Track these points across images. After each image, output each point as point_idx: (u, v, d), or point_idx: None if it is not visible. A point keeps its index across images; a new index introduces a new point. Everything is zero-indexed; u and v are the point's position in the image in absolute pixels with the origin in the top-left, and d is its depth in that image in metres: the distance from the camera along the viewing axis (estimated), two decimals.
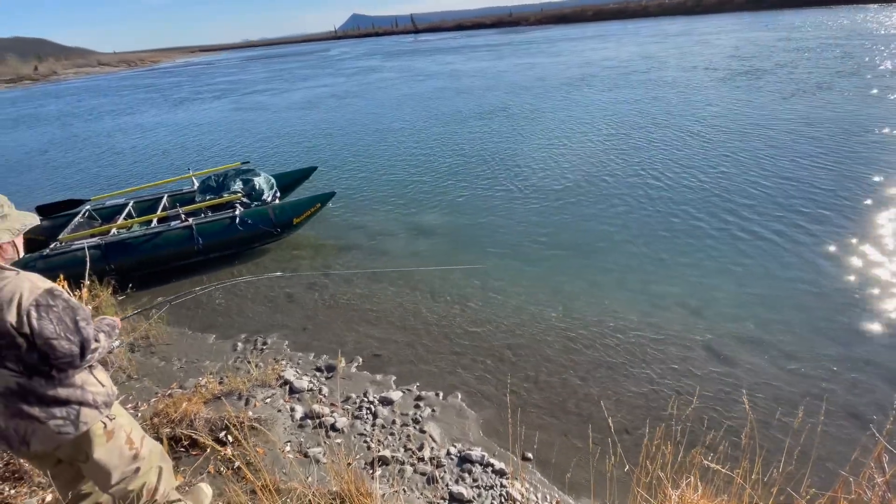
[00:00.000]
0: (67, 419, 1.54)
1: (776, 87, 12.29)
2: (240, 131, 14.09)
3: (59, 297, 1.48)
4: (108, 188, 9.01)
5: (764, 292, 4.16)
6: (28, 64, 78.79)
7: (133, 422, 1.82)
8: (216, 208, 5.76)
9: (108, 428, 1.65)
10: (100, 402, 1.61)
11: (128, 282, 4.71)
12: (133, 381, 3.53)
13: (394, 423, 3.03)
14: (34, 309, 1.40)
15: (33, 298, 1.41)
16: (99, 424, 1.62)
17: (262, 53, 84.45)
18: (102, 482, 1.73)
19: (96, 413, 1.60)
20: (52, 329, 1.42)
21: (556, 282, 4.61)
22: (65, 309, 1.47)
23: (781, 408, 2.96)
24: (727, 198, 6.03)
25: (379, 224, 6.38)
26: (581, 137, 9.46)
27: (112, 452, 1.67)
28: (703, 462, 1.81)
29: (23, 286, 1.42)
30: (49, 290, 1.46)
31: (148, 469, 1.79)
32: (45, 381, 1.49)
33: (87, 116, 21.10)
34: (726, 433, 2.68)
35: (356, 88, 20.86)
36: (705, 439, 2.19)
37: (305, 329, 4.23)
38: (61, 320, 1.44)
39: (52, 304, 1.44)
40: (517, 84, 17.14)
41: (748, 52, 19.25)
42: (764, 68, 15.17)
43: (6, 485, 2.42)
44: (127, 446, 1.70)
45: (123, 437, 1.70)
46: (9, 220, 1.52)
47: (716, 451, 2.01)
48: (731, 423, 2.86)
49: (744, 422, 2.85)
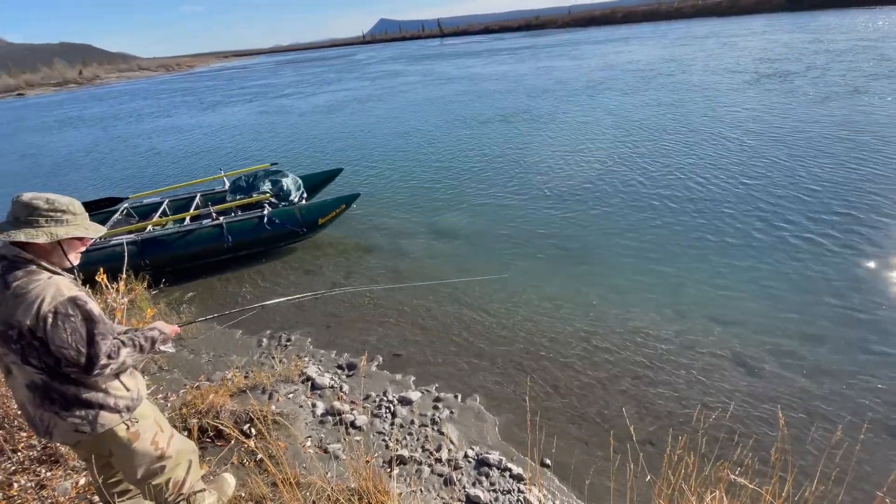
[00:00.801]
0: (85, 419, 1.57)
1: (807, 90, 11.81)
2: (269, 133, 14.47)
3: (82, 307, 1.47)
4: (145, 187, 9.42)
5: (798, 304, 3.98)
6: (74, 68, 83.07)
7: (162, 421, 1.85)
8: (246, 208, 5.93)
9: (131, 430, 1.68)
10: (121, 406, 1.63)
11: (161, 276, 4.90)
12: (164, 372, 3.67)
13: (412, 423, 3.05)
14: (51, 315, 1.42)
15: (53, 305, 1.43)
16: (121, 426, 1.66)
17: (293, 58, 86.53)
18: (128, 475, 1.81)
19: (116, 417, 1.63)
20: (64, 338, 1.43)
21: (578, 288, 4.54)
22: (83, 320, 1.46)
23: (816, 425, 2.84)
24: (758, 206, 5.82)
25: (401, 226, 6.44)
26: (603, 142, 9.31)
27: (135, 452, 1.72)
28: (730, 476, 1.75)
29: (47, 291, 1.44)
30: (73, 299, 1.46)
31: (175, 466, 1.83)
32: (66, 382, 1.53)
33: (127, 119, 22.08)
34: (755, 448, 2.58)
35: (380, 92, 21.13)
36: (733, 453, 2.12)
37: (328, 327, 4.30)
38: (75, 331, 1.44)
39: (71, 314, 1.44)
40: (541, 88, 17.02)
41: (777, 55, 18.59)
42: (793, 71, 14.60)
43: (43, 467, 2.54)
44: (152, 447, 1.74)
45: (149, 439, 1.73)
46: (63, 226, 1.52)
47: (743, 466, 1.94)
48: (760, 438, 2.76)
49: (774, 437, 2.75)
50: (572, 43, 38.28)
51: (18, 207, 1.48)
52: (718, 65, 17.73)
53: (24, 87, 66.43)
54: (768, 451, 2.62)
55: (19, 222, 1.48)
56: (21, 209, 1.48)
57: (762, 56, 18.73)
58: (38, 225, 1.48)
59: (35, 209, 1.48)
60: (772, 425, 2.87)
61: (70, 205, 1.56)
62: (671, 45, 27.54)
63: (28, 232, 1.46)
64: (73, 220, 1.55)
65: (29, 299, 1.42)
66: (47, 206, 1.50)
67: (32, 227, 1.48)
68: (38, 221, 1.48)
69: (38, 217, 1.49)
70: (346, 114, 16.33)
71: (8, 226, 1.48)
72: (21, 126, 24.72)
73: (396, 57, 48.07)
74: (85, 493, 2.36)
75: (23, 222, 1.47)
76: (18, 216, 1.48)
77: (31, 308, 1.42)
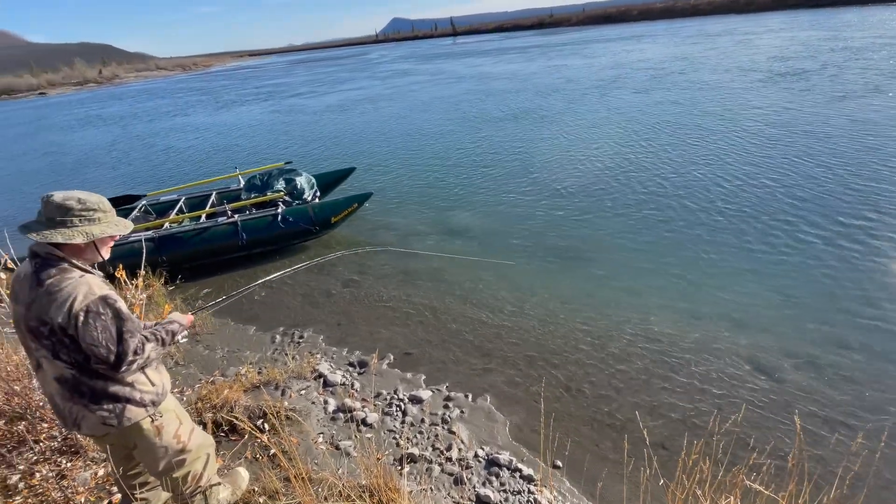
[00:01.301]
0: (113, 413, 1.61)
1: (824, 88, 11.53)
2: (282, 132, 14.62)
3: (112, 305, 1.52)
4: (162, 185, 9.58)
5: (819, 309, 3.90)
6: (93, 68, 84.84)
7: (183, 415, 1.89)
8: (260, 206, 6.00)
9: (155, 423, 1.73)
10: (147, 400, 1.68)
11: (178, 273, 4.98)
12: (180, 366, 3.73)
13: (422, 421, 3.06)
14: (83, 314, 1.46)
15: (85, 304, 1.46)
16: (146, 420, 1.71)
17: (306, 57, 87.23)
18: (149, 467, 1.86)
19: (142, 411, 1.67)
20: (95, 336, 1.47)
21: (590, 288, 4.51)
22: (113, 318, 1.51)
23: (835, 431, 2.78)
24: (778, 207, 5.72)
25: (412, 225, 6.45)
26: (617, 142, 9.22)
27: (159, 445, 1.76)
28: (746, 482, 1.73)
29: (79, 290, 1.48)
30: (103, 298, 1.50)
31: (194, 459, 1.88)
32: (95, 376, 1.58)
33: (145, 117, 22.49)
34: (771, 454, 2.54)
35: (392, 91, 21.20)
36: (748, 459, 2.08)
37: (340, 325, 4.34)
38: (106, 329, 1.49)
39: (102, 313, 1.48)
40: (552, 87, 16.91)
41: (791, 52, 18.19)
42: (807, 69, 14.27)
43: (63, 458, 2.61)
44: (174, 440, 1.79)
45: (172, 432, 1.78)
46: (98, 225, 1.57)
47: (759, 472, 1.91)
48: (777, 444, 2.71)
49: (791, 443, 2.70)
50: (586, 41, 37.95)
51: (51, 208, 1.51)
52: (733, 63, 17.44)
53: (45, 86, 68.08)
54: (785, 458, 2.58)
55: (54, 223, 1.51)
56: (54, 210, 1.51)
57: (778, 54, 18.36)
58: (72, 225, 1.52)
59: (69, 210, 1.52)
60: (789, 431, 2.82)
61: (100, 203, 1.60)
62: (687, 43, 27.14)
63: (64, 233, 1.50)
64: (104, 217, 1.60)
65: (61, 297, 1.46)
66: (80, 206, 1.53)
67: (67, 227, 1.51)
68: (72, 221, 1.52)
69: (71, 217, 1.52)
70: (358, 113, 16.42)
71: (42, 226, 1.51)
72: (43, 125, 25.34)
73: (408, 56, 48.18)
74: (104, 484, 2.42)
75: (57, 223, 1.51)
76: (52, 217, 1.51)
77: (64, 306, 1.46)
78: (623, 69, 19.24)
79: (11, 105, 47.65)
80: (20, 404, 2.67)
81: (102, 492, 2.38)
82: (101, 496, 2.35)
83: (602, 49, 29.64)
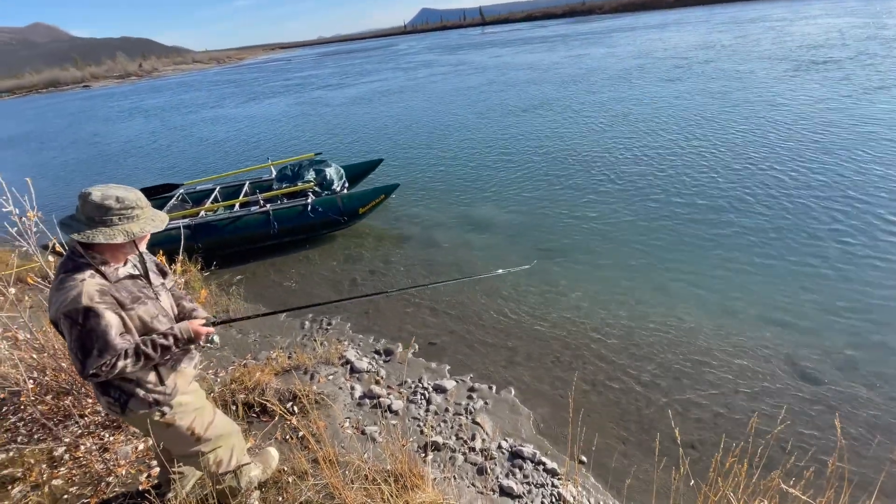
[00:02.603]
0: (117, 402, 1.69)
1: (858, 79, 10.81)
2: (311, 123, 14.84)
3: (91, 319, 1.50)
4: (198, 174, 9.91)
5: (858, 308, 3.70)
6: (134, 62, 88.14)
7: (204, 408, 1.94)
8: (291, 196, 6.13)
9: (165, 418, 1.79)
10: (151, 399, 1.72)
11: (212, 260, 5.16)
12: (214, 349, 3.88)
13: (447, 410, 3.08)
14: (63, 318, 1.50)
15: (68, 309, 1.49)
16: (155, 414, 1.76)
17: (335, 49, 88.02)
18: (170, 450, 1.96)
19: (145, 407, 1.73)
20: (68, 341, 1.53)
21: (618, 283, 4.42)
22: (88, 332, 1.50)
23: (877, 437, 2.65)
24: (817, 202, 5.43)
25: (437, 216, 6.46)
26: (647, 133, 8.93)
27: (170, 435, 1.84)
28: (781, 486, 1.67)
29: (72, 293, 1.49)
30: (87, 310, 1.49)
31: (214, 447, 1.95)
32: None
33: (183, 109, 23.24)
34: (808, 458, 2.44)
35: (418, 83, 21.16)
36: (785, 462, 2.01)
37: (366, 313, 4.40)
38: (78, 339, 1.50)
39: (78, 323, 1.50)
40: (581, 77, 16.50)
41: (826, 40, 17.09)
42: (841, 58, 13.40)
43: (106, 432, 2.76)
44: (188, 432, 1.85)
45: (185, 425, 1.84)
46: (136, 222, 1.60)
47: (795, 476, 1.84)
48: (813, 448, 2.60)
49: (828, 447, 2.60)
50: (619, 29, 36.82)
51: (91, 208, 1.54)
52: (764, 52, 16.57)
53: (89, 79, 71.25)
54: (822, 462, 2.48)
55: (94, 222, 1.54)
56: (94, 209, 1.54)
57: (814, 42, 17.33)
58: (112, 224, 1.55)
59: (108, 209, 1.54)
60: (826, 435, 2.70)
61: (138, 199, 1.62)
62: (727, 30, 25.95)
63: (105, 232, 1.53)
64: (141, 214, 1.62)
65: (58, 296, 1.52)
66: (119, 204, 1.56)
67: (107, 226, 1.54)
68: (112, 220, 1.55)
69: (111, 216, 1.55)
70: (385, 104, 16.49)
71: (83, 225, 1.54)
72: (89, 116, 26.56)
73: (435, 47, 47.93)
74: (144, 458, 2.55)
75: (97, 222, 1.54)
76: (92, 216, 1.54)
77: (55, 304, 1.53)
78: (657, 59, 18.58)
79: (58, 97, 50.13)
80: (66, 380, 2.83)
81: (142, 465, 2.51)
82: (140, 469, 2.48)
83: (636, 38, 28.69)
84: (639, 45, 24.28)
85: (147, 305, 1.69)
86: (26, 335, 2.85)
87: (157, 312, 1.72)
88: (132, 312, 1.63)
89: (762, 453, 2.02)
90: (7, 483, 2.42)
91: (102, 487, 2.37)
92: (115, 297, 1.58)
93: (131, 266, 1.71)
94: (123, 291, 1.62)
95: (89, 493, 2.34)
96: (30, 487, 2.39)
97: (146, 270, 1.78)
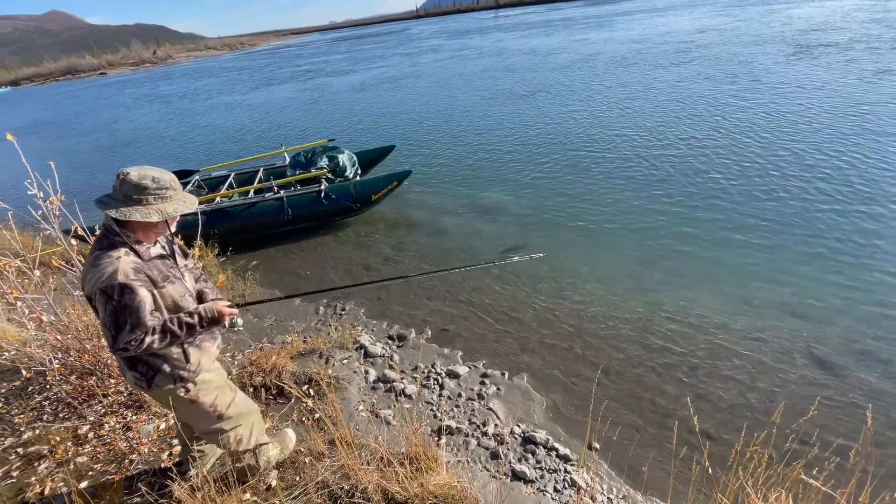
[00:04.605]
0: (143, 377, 1.74)
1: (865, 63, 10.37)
2: (322, 110, 14.81)
3: (128, 294, 1.55)
4: (213, 160, 9.98)
5: (884, 300, 3.61)
6: (148, 49, 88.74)
7: (225, 387, 1.98)
8: (304, 182, 6.15)
9: (189, 394, 1.84)
10: (176, 375, 1.77)
11: (228, 245, 5.22)
12: (231, 333, 3.94)
13: (459, 395, 3.10)
14: (98, 293, 1.54)
15: (102, 285, 1.53)
16: (180, 390, 1.81)
17: (347, 35, 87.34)
18: (192, 427, 2.01)
19: (170, 382, 1.77)
20: (102, 316, 1.57)
21: (633, 270, 4.36)
22: (122, 308, 1.55)
23: None
24: (838, 187, 5.27)
25: (448, 203, 6.42)
26: (661, 119, 8.72)
27: (192, 411, 1.89)
28: (802, 477, 1.65)
29: (108, 269, 1.54)
30: (122, 286, 1.54)
31: (235, 425, 1.99)
32: None
33: (196, 96, 23.38)
34: (831, 451, 2.41)
35: (430, 68, 20.91)
36: (805, 454, 1.98)
37: (379, 299, 4.43)
38: (112, 314, 1.55)
39: (114, 299, 1.54)
40: (595, 61, 16.14)
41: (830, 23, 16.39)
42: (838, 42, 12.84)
43: (129, 411, 2.84)
44: (210, 409, 1.90)
45: (208, 402, 1.89)
46: (170, 202, 1.65)
47: (814, 469, 1.82)
48: (832, 441, 2.56)
49: (847, 441, 2.55)
50: (638, 11, 35.82)
51: (129, 187, 1.59)
52: (773, 34, 15.98)
53: (105, 66, 71.98)
54: (842, 456, 2.44)
55: (131, 201, 1.59)
56: (131, 189, 1.59)
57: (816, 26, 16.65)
58: (147, 203, 1.60)
59: (144, 189, 1.60)
60: (848, 428, 2.66)
61: (171, 181, 1.67)
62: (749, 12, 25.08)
63: (141, 211, 1.59)
64: (174, 195, 1.68)
65: (94, 273, 1.56)
66: (154, 184, 1.61)
67: (143, 205, 1.60)
68: (147, 200, 1.60)
69: (147, 196, 1.60)
70: (397, 90, 16.36)
71: (119, 203, 1.59)
72: (106, 103, 26.89)
73: (446, 32, 47.24)
74: (165, 437, 2.62)
75: (134, 201, 1.59)
76: (129, 195, 1.59)
77: (91, 280, 1.57)
78: (675, 42, 18.07)
79: (76, 85, 50.79)
80: (90, 361, 2.91)
81: (164, 443, 2.58)
82: (162, 447, 2.55)
83: (655, 20, 27.89)
84: (653, 27, 23.62)
85: (175, 285, 1.73)
86: (50, 317, 2.93)
87: (184, 292, 1.77)
88: (163, 290, 1.68)
89: (781, 444, 2.00)
90: (34, 459, 2.51)
91: (126, 465, 2.44)
92: (148, 275, 1.63)
93: (160, 247, 1.76)
94: (155, 270, 1.66)
95: (113, 469, 2.42)
96: (56, 464, 2.47)
97: (174, 251, 1.84)
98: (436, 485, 1.99)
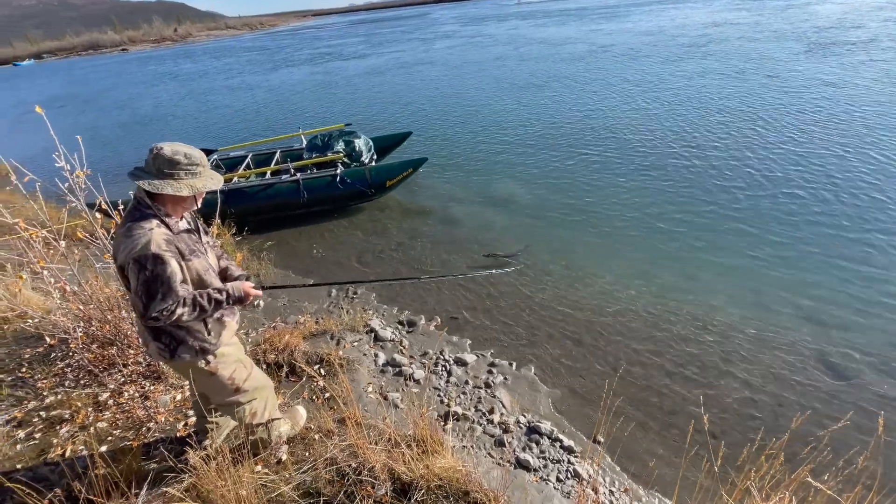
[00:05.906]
0: (167, 348, 1.80)
1: None
2: (341, 93, 14.78)
3: (159, 265, 1.60)
4: (231, 140, 10.07)
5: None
6: (169, 27, 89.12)
7: (243, 362, 2.05)
8: (321, 166, 6.18)
9: (209, 366, 1.90)
10: (198, 347, 1.83)
11: (244, 225, 5.30)
12: (246, 311, 4.03)
13: (466, 383, 3.15)
14: (132, 262, 1.59)
15: (138, 254, 1.58)
16: (201, 361, 1.88)
17: (366, 17, 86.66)
18: (210, 400, 2.09)
19: (192, 355, 1.84)
20: (134, 285, 1.62)
21: (645, 268, 4.34)
22: (154, 277, 1.60)
23: None
24: (856, 191, 5.14)
25: (463, 192, 6.41)
26: (682, 113, 8.55)
27: (212, 383, 1.95)
28: (808, 479, 1.65)
29: (141, 240, 1.59)
30: (155, 256, 1.59)
31: (251, 399, 2.06)
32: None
33: (216, 75, 23.48)
34: (838, 457, 2.40)
35: (449, 55, 20.69)
36: (812, 458, 1.98)
37: (391, 285, 4.47)
38: (145, 283, 1.60)
39: (147, 269, 1.59)
40: (620, 53, 15.81)
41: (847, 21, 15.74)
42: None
43: (147, 381, 2.93)
44: (228, 381, 1.96)
45: (226, 375, 1.95)
46: (200, 178, 1.71)
47: (821, 474, 1.82)
48: (840, 447, 2.55)
49: (855, 447, 2.54)
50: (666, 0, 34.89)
51: (162, 161, 1.64)
52: (790, 29, 15.43)
53: (127, 42, 72.54)
54: (849, 461, 2.43)
55: (163, 174, 1.65)
56: (164, 163, 1.65)
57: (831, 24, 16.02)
58: (178, 178, 1.66)
59: (176, 164, 1.66)
60: (856, 434, 2.64)
61: (201, 157, 1.73)
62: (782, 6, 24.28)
63: (172, 184, 1.65)
64: (203, 171, 1.74)
65: (128, 243, 1.61)
66: (186, 160, 1.67)
67: (174, 179, 1.66)
68: (178, 174, 1.66)
69: (179, 171, 1.66)
70: (416, 75, 16.23)
71: (151, 176, 1.65)
72: (128, 80, 27.14)
73: (470, 17, 46.58)
74: (182, 407, 2.71)
75: (166, 175, 1.65)
76: (161, 168, 1.65)
77: (125, 250, 1.62)
78: (700, 34, 17.60)
79: (99, 60, 51.32)
80: (111, 331, 3.00)
81: (180, 414, 2.67)
82: (178, 417, 2.64)
83: (682, 10, 27.17)
84: (679, 19, 23.01)
85: (200, 259, 1.79)
86: (74, 287, 3.02)
87: (207, 266, 1.82)
88: (190, 264, 1.73)
89: (789, 448, 2.00)
90: (56, 423, 2.61)
91: (143, 432, 2.54)
92: (177, 247, 1.68)
93: (185, 222, 1.82)
94: (182, 243, 1.72)
95: (131, 436, 2.52)
96: (77, 428, 2.57)
97: (198, 227, 1.89)
98: (441, 467, 2.03)
